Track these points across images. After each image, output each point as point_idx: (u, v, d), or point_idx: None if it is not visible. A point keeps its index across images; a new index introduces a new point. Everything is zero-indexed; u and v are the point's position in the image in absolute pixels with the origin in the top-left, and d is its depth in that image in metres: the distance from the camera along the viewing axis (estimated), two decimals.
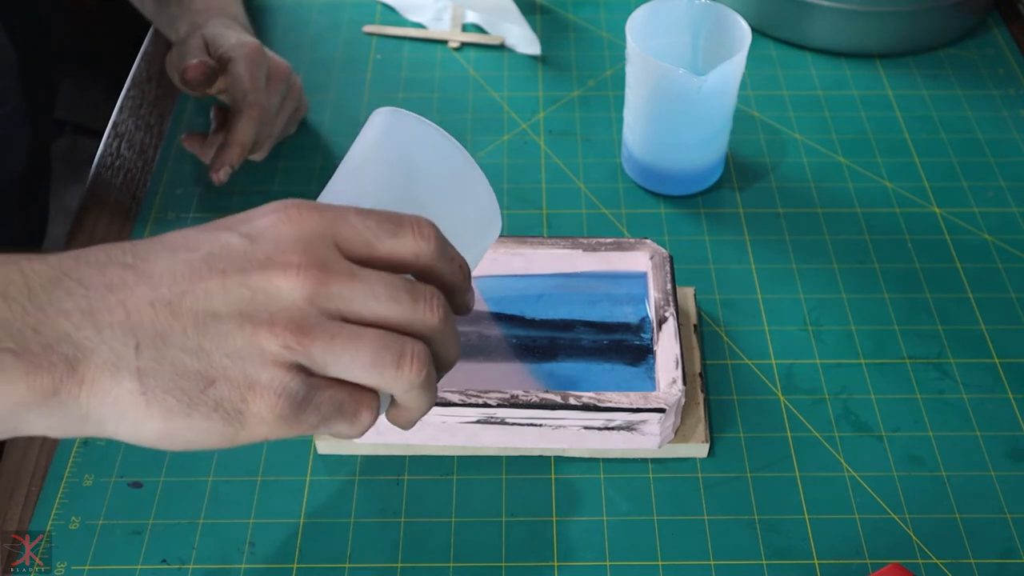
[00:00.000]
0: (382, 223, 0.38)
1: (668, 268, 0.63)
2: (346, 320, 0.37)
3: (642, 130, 0.72)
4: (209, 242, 0.37)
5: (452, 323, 0.39)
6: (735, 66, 0.67)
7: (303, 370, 0.37)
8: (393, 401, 0.41)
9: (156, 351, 0.35)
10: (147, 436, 0.36)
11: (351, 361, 0.37)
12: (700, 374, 0.61)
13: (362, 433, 0.39)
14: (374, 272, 0.37)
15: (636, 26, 0.69)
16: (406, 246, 0.38)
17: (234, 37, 0.73)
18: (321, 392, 0.37)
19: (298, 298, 0.36)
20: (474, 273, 0.64)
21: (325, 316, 0.36)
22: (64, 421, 0.36)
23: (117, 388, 0.35)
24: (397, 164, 0.42)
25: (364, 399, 0.38)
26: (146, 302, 0.35)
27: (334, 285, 0.36)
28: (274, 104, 0.73)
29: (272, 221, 0.37)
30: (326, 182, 0.44)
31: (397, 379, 0.37)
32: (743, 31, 0.68)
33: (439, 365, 0.40)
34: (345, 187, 0.42)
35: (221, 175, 0.69)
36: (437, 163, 0.42)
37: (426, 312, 0.38)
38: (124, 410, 0.36)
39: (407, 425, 0.41)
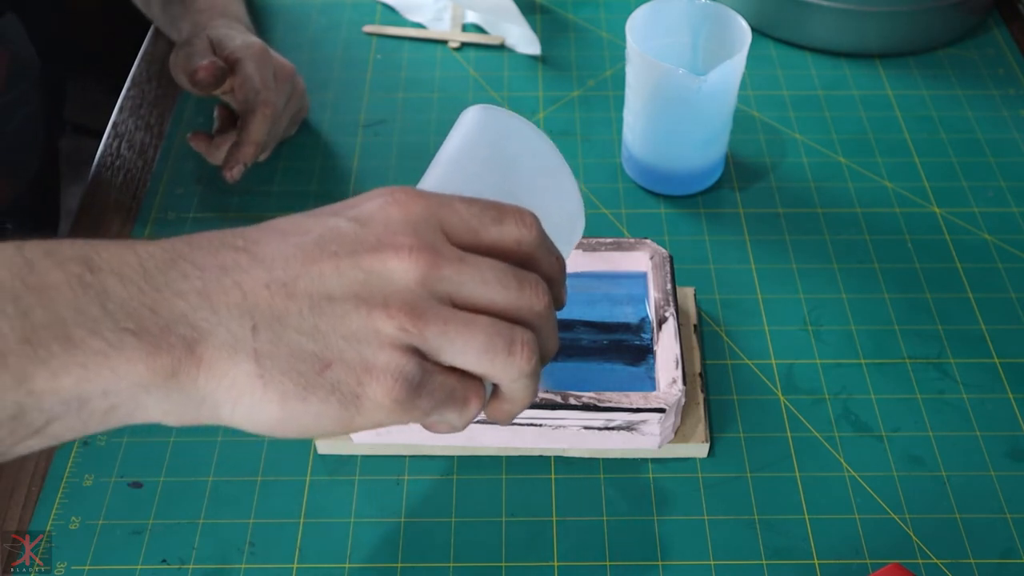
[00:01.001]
0: (486, 210, 0.38)
1: (668, 268, 0.63)
2: (455, 305, 0.37)
3: (642, 130, 0.72)
4: (319, 226, 0.37)
5: (554, 312, 0.40)
6: (735, 66, 0.67)
7: (418, 353, 0.36)
8: (494, 394, 0.40)
9: (273, 333, 0.35)
10: (263, 421, 0.36)
11: (464, 346, 0.36)
12: (700, 374, 0.61)
13: (466, 425, 0.39)
14: (481, 258, 0.38)
15: (636, 26, 0.69)
16: (509, 234, 0.38)
17: (240, 38, 0.73)
18: (435, 377, 0.37)
19: (411, 281, 0.36)
20: None
21: (436, 300, 0.36)
22: (180, 405, 0.35)
23: (235, 370, 0.35)
24: (492, 160, 0.43)
25: (473, 387, 0.38)
26: (261, 284, 0.35)
27: (445, 268, 0.36)
28: (280, 104, 0.73)
29: (380, 205, 0.37)
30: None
31: (507, 366, 0.37)
32: (743, 31, 0.68)
33: (541, 355, 0.40)
34: (441, 180, 0.43)
35: (235, 173, 0.70)
36: (531, 159, 0.43)
37: (532, 298, 0.38)
38: (241, 393, 0.35)
39: (507, 419, 0.41)
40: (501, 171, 0.43)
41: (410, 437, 0.58)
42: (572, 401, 0.56)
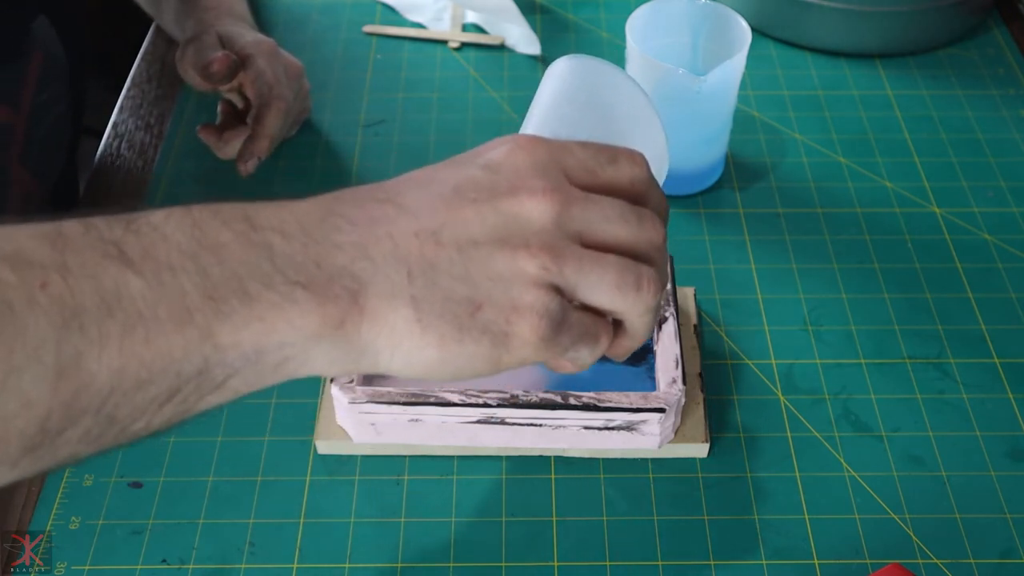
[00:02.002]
0: (601, 152, 0.40)
1: (668, 268, 0.62)
2: (584, 244, 0.39)
3: None
4: (454, 175, 0.38)
5: (665, 241, 0.42)
6: (735, 66, 0.67)
7: (558, 291, 0.38)
8: (617, 330, 0.42)
9: (427, 278, 0.37)
10: (420, 364, 0.37)
11: (599, 282, 0.39)
12: (700, 374, 0.61)
13: (593, 362, 0.42)
14: (603, 196, 0.40)
15: (636, 26, 0.69)
16: (623, 172, 0.41)
17: (249, 35, 0.74)
18: (573, 314, 0.39)
19: (547, 221, 0.38)
20: None
21: (569, 239, 0.38)
22: (344, 355, 0.37)
23: (394, 315, 0.37)
24: (589, 105, 0.45)
25: (602, 324, 0.41)
26: (411, 232, 0.37)
27: (575, 208, 0.38)
28: (292, 99, 0.74)
29: (507, 152, 0.39)
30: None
31: (637, 301, 0.40)
32: (743, 31, 0.68)
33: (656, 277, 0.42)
34: (543, 126, 0.45)
35: (249, 166, 0.71)
36: (624, 104, 0.45)
37: (651, 231, 0.40)
38: (401, 339, 0.37)
39: (625, 354, 0.44)
40: (598, 116, 0.45)
41: (410, 437, 0.58)
42: (572, 401, 0.56)
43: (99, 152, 0.80)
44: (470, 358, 0.37)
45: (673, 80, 0.67)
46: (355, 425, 0.58)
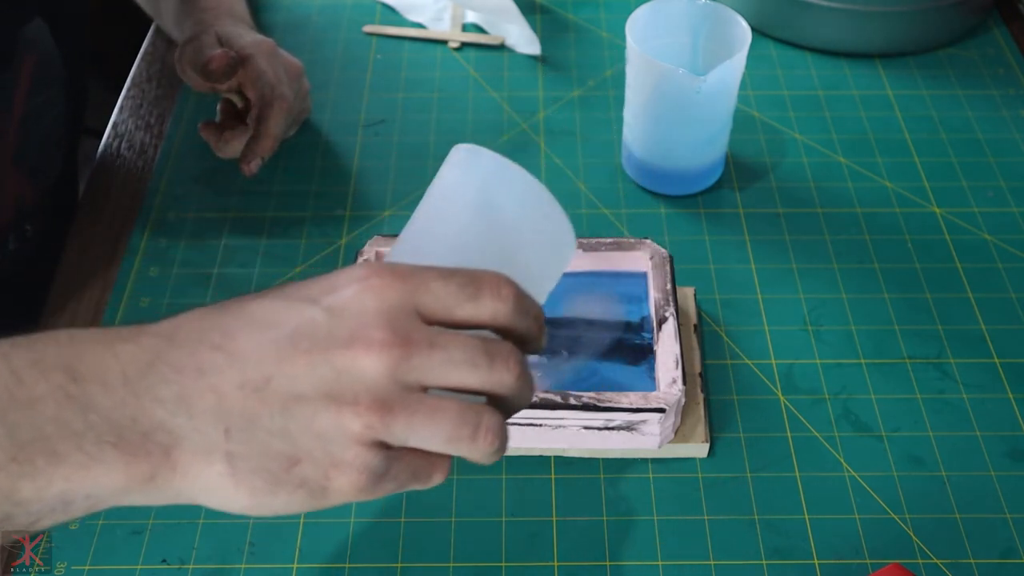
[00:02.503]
0: (463, 287, 0.38)
1: (668, 268, 0.63)
2: (427, 388, 0.38)
3: (642, 130, 0.72)
4: (294, 317, 0.37)
5: (527, 374, 0.40)
6: (735, 66, 0.67)
7: (384, 445, 0.38)
8: None
9: (245, 434, 0.37)
10: (235, 509, 0.38)
11: (430, 436, 0.38)
12: (700, 374, 0.61)
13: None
14: (453, 337, 0.38)
15: (636, 26, 0.69)
16: (484, 310, 0.39)
17: (248, 36, 0.73)
18: (399, 462, 0.38)
19: (381, 375, 0.37)
20: None
21: (406, 389, 0.37)
22: (158, 499, 0.38)
23: (208, 470, 0.37)
24: (477, 211, 0.43)
25: (438, 463, 0.40)
26: (235, 386, 0.36)
27: (415, 358, 0.37)
28: (293, 99, 0.73)
29: (355, 293, 0.37)
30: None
31: (472, 451, 0.39)
32: (743, 31, 0.68)
33: (513, 410, 0.41)
34: (424, 239, 0.43)
35: (253, 167, 0.70)
36: (517, 202, 0.43)
37: (503, 373, 0.39)
38: (214, 490, 0.38)
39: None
40: (485, 224, 0.42)
41: None
42: (572, 401, 0.56)
43: (99, 152, 0.80)
44: (285, 504, 0.38)
45: (673, 80, 0.67)
46: None
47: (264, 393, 0.36)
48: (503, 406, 0.40)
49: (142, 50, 0.89)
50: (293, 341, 0.37)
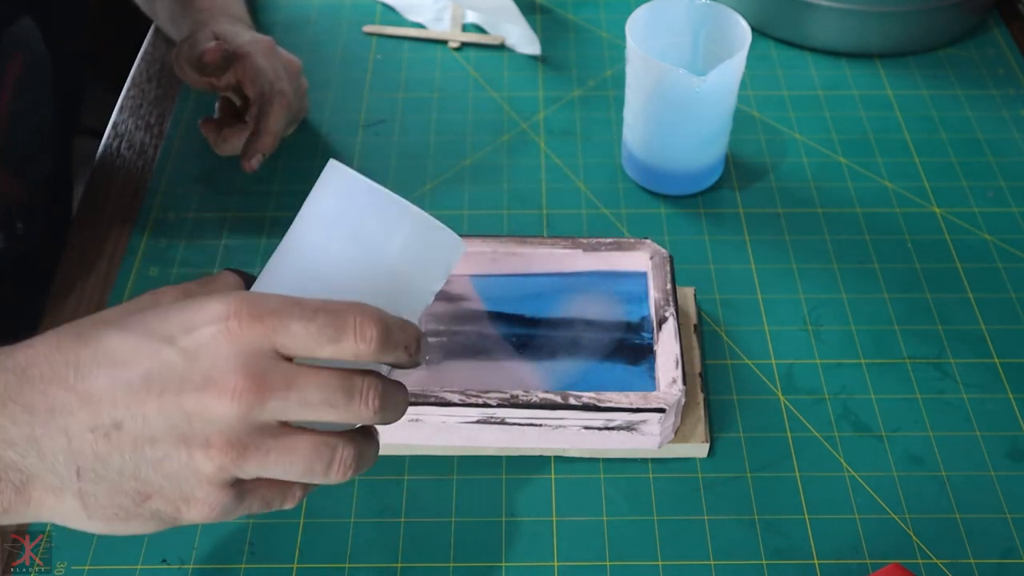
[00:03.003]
0: (323, 329, 0.37)
1: (668, 268, 0.63)
2: (283, 423, 0.38)
3: (642, 130, 0.72)
4: (148, 357, 0.37)
5: (391, 402, 0.40)
6: (735, 66, 0.67)
7: (236, 483, 0.39)
8: None
9: (96, 474, 0.37)
10: (93, 532, 0.40)
11: (283, 472, 0.39)
12: (700, 374, 0.61)
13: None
14: (311, 376, 0.38)
15: (636, 26, 0.69)
16: (346, 351, 0.38)
17: (247, 34, 0.73)
18: (251, 495, 0.39)
19: (234, 418, 0.37)
20: (474, 272, 0.64)
21: (260, 429, 0.37)
22: (12, 523, 0.40)
23: (61, 505, 0.39)
24: (346, 234, 0.41)
25: (290, 491, 0.41)
26: (87, 428, 0.37)
27: (270, 401, 0.37)
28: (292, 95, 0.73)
29: (212, 335, 0.37)
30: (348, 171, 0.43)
31: (325, 481, 0.39)
32: (743, 31, 0.68)
33: (373, 429, 0.42)
34: (295, 257, 0.42)
35: (253, 163, 0.70)
36: (385, 222, 0.41)
37: (361, 408, 0.39)
38: (68, 519, 0.39)
39: None
40: (357, 250, 0.41)
41: (410, 437, 0.58)
42: (572, 401, 0.56)
43: (99, 152, 0.80)
44: (138, 529, 0.39)
45: (673, 80, 0.67)
46: None
47: (115, 437, 0.37)
48: (368, 429, 0.41)
49: (142, 50, 0.89)
50: (146, 383, 0.37)
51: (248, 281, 0.42)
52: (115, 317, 0.39)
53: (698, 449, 0.59)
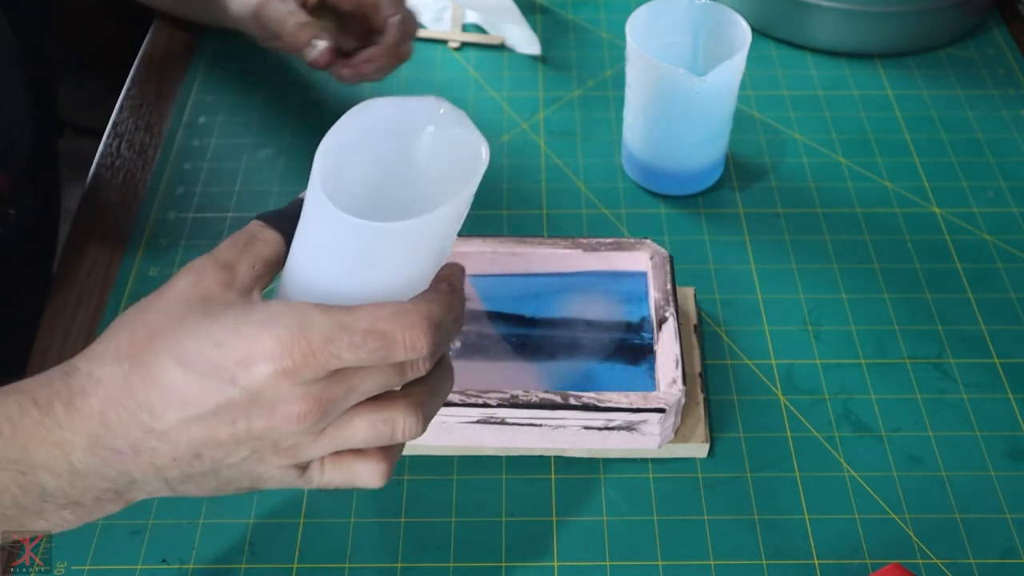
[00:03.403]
0: (375, 352, 0.39)
1: (668, 268, 0.63)
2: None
3: (642, 130, 0.72)
4: (214, 396, 0.39)
5: (437, 384, 0.43)
6: (735, 66, 0.67)
7: (306, 464, 0.42)
8: None
9: (182, 482, 0.42)
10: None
11: (348, 444, 0.41)
12: (700, 374, 0.61)
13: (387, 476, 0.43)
14: (364, 376, 0.40)
15: (636, 26, 0.69)
16: (396, 356, 0.39)
17: None
18: (328, 467, 0.42)
19: (302, 432, 0.40)
20: (474, 271, 0.64)
21: (323, 426, 0.40)
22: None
23: (152, 499, 0.46)
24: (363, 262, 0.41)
25: (371, 459, 0.43)
26: (169, 458, 0.40)
27: (333, 409, 0.40)
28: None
29: (270, 375, 0.38)
30: (339, 121, 0.41)
31: (394, 441, 0.42)
32: (743, 31, 0.68)
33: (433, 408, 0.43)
34: (324, 263, 0.41)
35: (375, 76, 0.71)
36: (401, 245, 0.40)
37: (412, 372, 0.41)
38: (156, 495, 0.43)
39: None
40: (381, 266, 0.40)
41: None
42: (572, 401, 0.56)
43: (99, 152, 0.80)
44: (222, 493, 0.43)
45: (673, 80, 0.67)
46: None
47: (195, 462, 0.40)
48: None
49: (142, 50, 0.89)
50: (217, 418, 0.39)
51: (280, 225, 0.43)
52: (168, 332, 0.40)
53: (698, 449, 0.59)
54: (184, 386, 0.39)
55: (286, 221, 0.43)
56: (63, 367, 0.41)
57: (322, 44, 0.69)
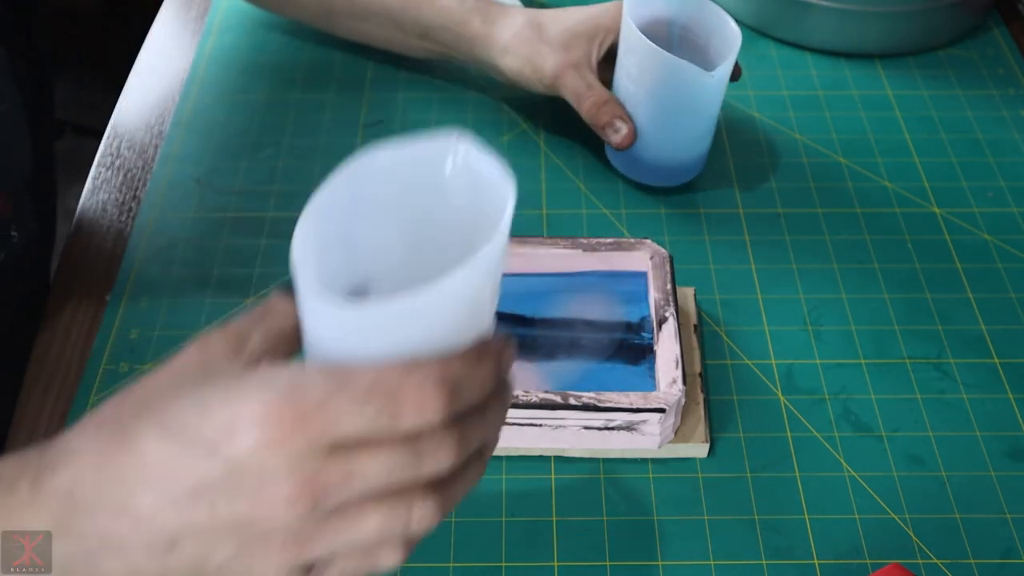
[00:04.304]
0: (378, 416, 0.33)
1: (668, 268, 0.63)
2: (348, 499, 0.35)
3: (642, 120, 0.72)
4: (191, 471, 0.34)
5: (473, 445, 0.38)
6: (732, 59, 0.67)
7: (309, 567, 0.36)
8: None
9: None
10: None
11: (358, 544, 0.36)
12: (700, 374, 0.61)
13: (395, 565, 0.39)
14: (369, 456, 0.34)
15: (633, 11, 0.68)
16: (406, 423, 0.34)
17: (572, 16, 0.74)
18: (333, 568, 0.37)
19: (293, 519, 0.34)
20: None
21: (322, 517, 0.35)
22: None
23: None
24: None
25: (381, 552, 0.38)
26: (141, 547, 0.35)
27: (332, 495, 0.34)
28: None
29: (254, 447, 0.33)
30: (326, 183, 0.40)
31: (413, 535, 0.38)
32: (726, 24, 0.68)
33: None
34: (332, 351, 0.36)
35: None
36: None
37: (431, 463, 0.36)
38: None
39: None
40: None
41: None
42: (572, 401, 0.56)
43: (99, 152, 0.80)
44: None
45: (683, 73, 0.66)
46: None
47: (172, 552, 0.35)
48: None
49: (142, 50, 0.89)
50: (194, 499, 0.34)
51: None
52: (160, 401, 0.36)
53: (698, 449, 0.59)
54: (159, 457, 0.34)
55: None
56: (49, 442, 0.37)
57: (625, 129, 0.71)
